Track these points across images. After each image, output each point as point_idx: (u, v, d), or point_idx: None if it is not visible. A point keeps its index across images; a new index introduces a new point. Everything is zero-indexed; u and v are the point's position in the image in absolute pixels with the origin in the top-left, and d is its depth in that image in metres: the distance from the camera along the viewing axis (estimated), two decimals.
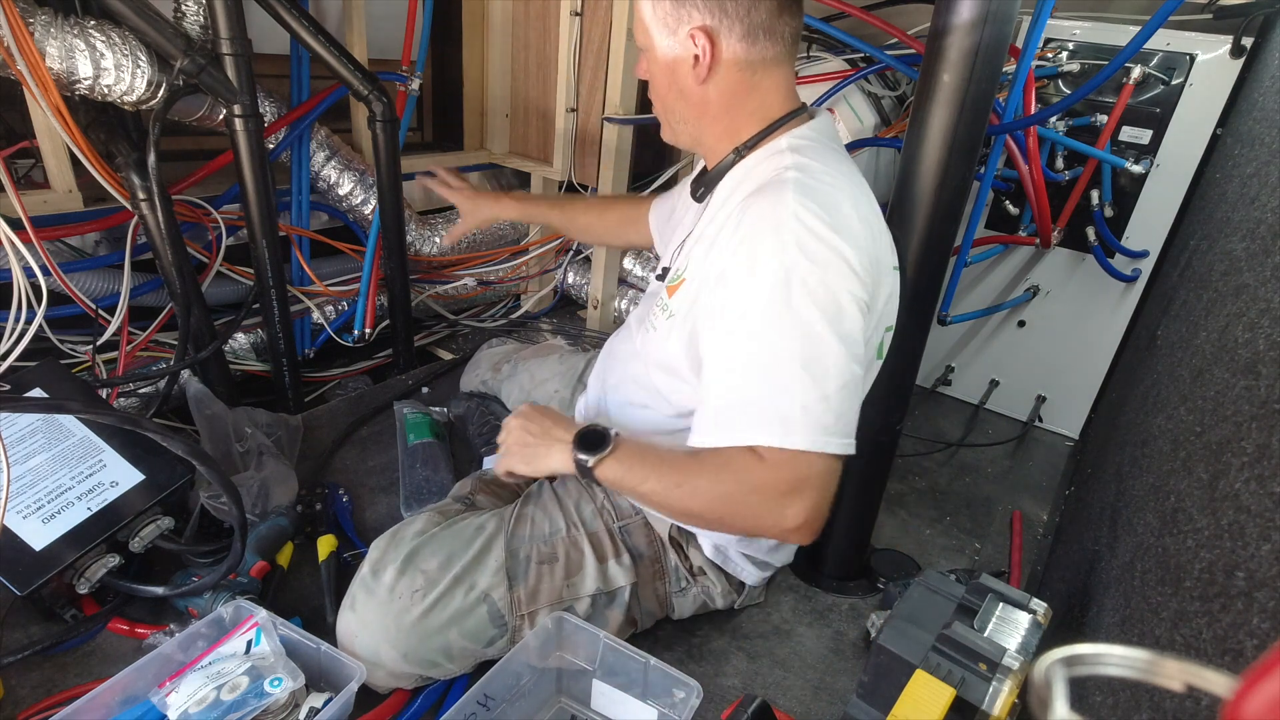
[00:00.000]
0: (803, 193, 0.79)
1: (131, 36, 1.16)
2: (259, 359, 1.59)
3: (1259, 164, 0.87)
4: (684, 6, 0.83)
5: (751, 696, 0.74)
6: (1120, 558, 0.76)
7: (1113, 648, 0.28)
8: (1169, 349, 0.97)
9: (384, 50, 1.67)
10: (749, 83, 0.86)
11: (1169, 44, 1.40)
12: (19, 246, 1.10)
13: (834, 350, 0.77)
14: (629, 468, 0.83)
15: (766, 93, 0.87)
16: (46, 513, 0.93)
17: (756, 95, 0.87)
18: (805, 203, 0.78)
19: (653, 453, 0.84)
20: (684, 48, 0.84)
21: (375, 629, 0.85)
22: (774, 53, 0.85)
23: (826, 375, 0.76)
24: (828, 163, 0.85)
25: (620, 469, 0.83)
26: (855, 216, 0.81)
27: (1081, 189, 1.52)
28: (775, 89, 0.88)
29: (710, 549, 0.99)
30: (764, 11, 0.82)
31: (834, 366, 0.77)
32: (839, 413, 0.77)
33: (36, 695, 0.87)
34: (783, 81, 0.88)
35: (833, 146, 0.90)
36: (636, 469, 0.82)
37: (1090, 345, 1.65)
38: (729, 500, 0.79)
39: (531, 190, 2.00)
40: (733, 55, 0.84)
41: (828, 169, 0.84)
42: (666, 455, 0.83)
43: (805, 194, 0.79)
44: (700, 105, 0.88)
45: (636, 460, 0.83)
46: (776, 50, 0.85)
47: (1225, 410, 0.58)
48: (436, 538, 0.91)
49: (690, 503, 0.81)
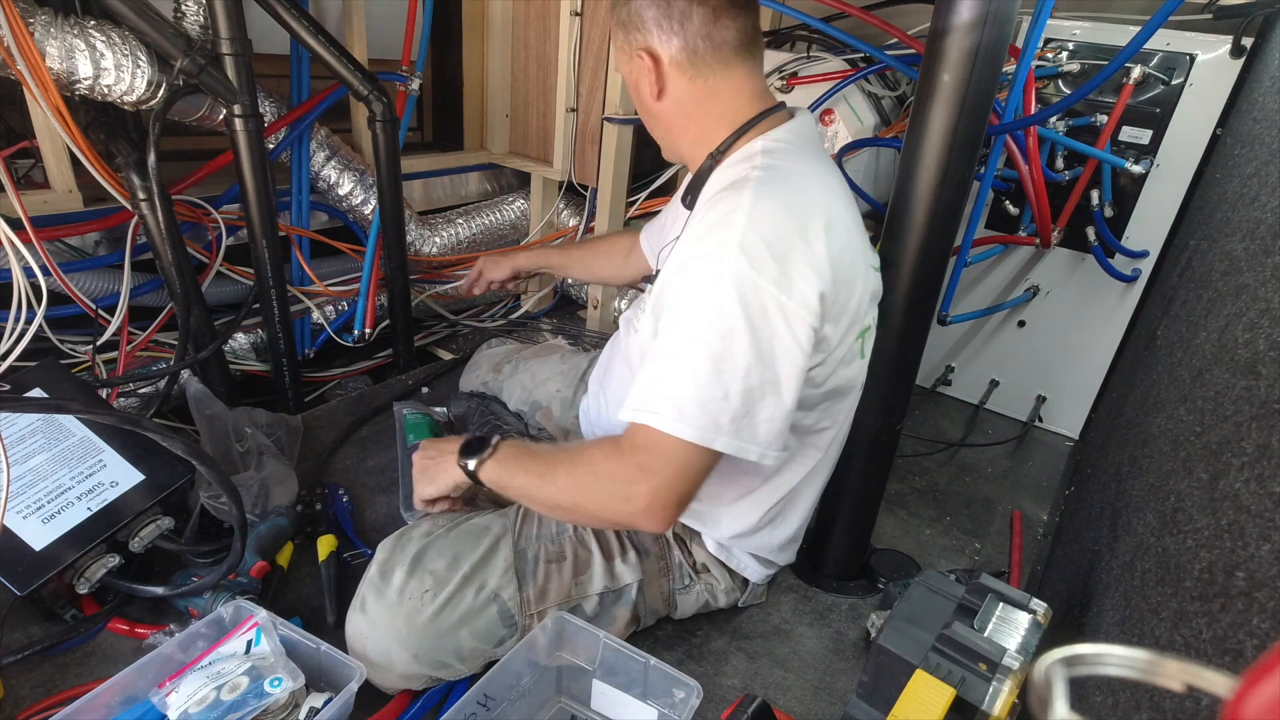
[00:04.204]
0: (760, 196, 0.79)
1: (131, 36, 1.16)
2: (259, 359, 1.59)
3: (1259, 164, 0.87)
4: (631, 32, 0.88)
5: (751, 696, 0.74)
6: (1120, 558, 0.76)
7: (1113, 648, 0.28)
8: (1169, 349, 0.97)
9: (384, 50, 1.67)
10: (705, 90, 0.88)
11: (1169, 44, 1.40)
12: (19, 246, 1.10)
13: (746, 354, 0.77)
14: (504, 468, 0.88)
15: (729, 97, 0.89)
16: (46, 513, 0.93)
17: (719, 101, 0.89)
18: (760, 205, 0.79)
19: (527, 452, 0.89)
20: (638, 70, 0.89)
21: (386, 630, 0.85)
22: (722, 58, 0.86)
23: (734, 376, 0.77)
24: (799, 165, 0.85)
25: (498, 469, 0.88)
26: (816, 222, 0.80)
27: (1081, 189, 1.52)
28: (738, 91, 0.89)
29: (714, 545, 1.00)
30: (698, 20, 0.84)
31: (743, 369, 0.77)
32: (737, 414, 0.77)
33: (36, 695, 0.87)
34: (744, 83, 0.89)
35: (808, 147, 0.90)
36: (510, 467, 0.88)
37: (1090, 345, 1.65)
38: (582, 488, 0.83)
39: (531, 190, 2.01)
40: (677, 68, 0.87)
41: (797, 171, 0.84)
42: (538, 451, 0.89)
43: (763, 197, 0.79)
44: (666, 120, 0.93)
45: (511, 460, 0.88)
46: (725, 55, 0.86)
47: (1225, 410, 0.58)
48: (443, 538, 0.91)
49: (554, 494, 0.85)
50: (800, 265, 0.78)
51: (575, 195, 1.97)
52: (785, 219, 0.79)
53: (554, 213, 2.01)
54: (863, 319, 0.90)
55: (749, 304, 0.76)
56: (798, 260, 0.78)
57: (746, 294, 0.76)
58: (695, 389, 0.76)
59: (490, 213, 1.97)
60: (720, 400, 0.77)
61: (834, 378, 0.89)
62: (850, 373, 0.92)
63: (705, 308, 0.77)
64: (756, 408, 0.78)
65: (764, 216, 0.78)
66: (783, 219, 0.78)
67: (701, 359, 0.77)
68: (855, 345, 0.90)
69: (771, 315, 0.77)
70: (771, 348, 0.77)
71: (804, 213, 0.80)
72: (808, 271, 0.78)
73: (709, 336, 0.77)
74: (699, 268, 0.79)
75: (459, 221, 1.91)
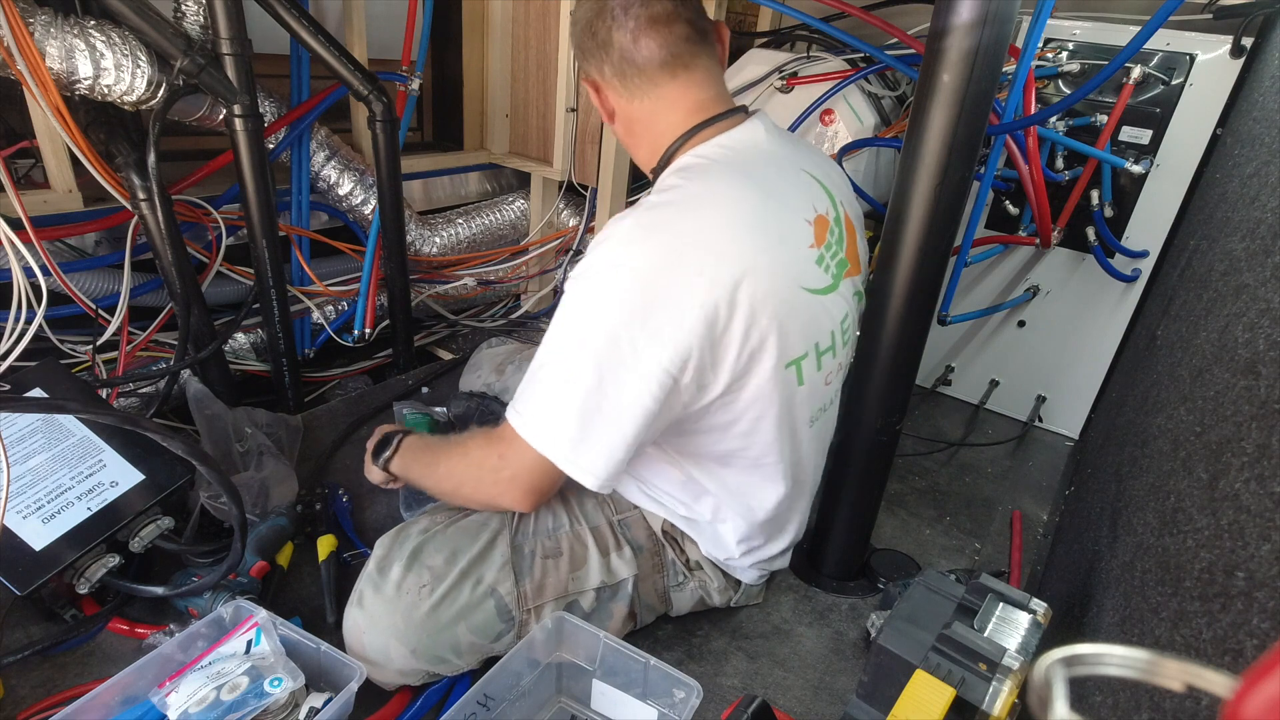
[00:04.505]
0: (638, 225, 0.80)
1: (131, 36, 1.16)
2: (259, 359, 1.59)
3: (1259, 164, 0.87)
4: (580, 61, 0.92)
5: (751, 696, 0.74)
6: (1120, 558, 0.76)
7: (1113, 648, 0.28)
8: (1169, 349, 0.97)
9: (384, 50, 1.67)
10: (647, 108, 0.89)
11: (1169, 44, 1.40)
12: (19, 246, 1.10)
13: (589, 380, 0.78)
14: (405, 462, 0.99)
15: (666, 113, 0.89)
16: (46, 513, 0.93)
17: (659, 117, 0.89)
18: (634, 235, 0.79)
19: (424, 445, 0.99)
20: (590, 96, 0.94)
21: (383, 625, 0.86)
22: (649, 77, 0.87)
23: (576, 398, 0.79)
24: (708, 187, 0.82)
25: (402, 464, 1.00)
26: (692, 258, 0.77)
27: (1081, 189, 1.52)
28: (671, 109, 0.88)
29: (706, 546, 0.99)
30: (618, 46, 0.86)
31: (583, 393, 0.78)
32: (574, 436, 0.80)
33: (36, 695, 0.87)
34: (680, 97, 0.88)
35: (735, 162, 0.86)
36: (408, 460, 0.99)
37: (1090, 345, 1.65)
38: (457, 473, 0.92)
39: (531, 190, 2.01)
40: (614, 92, 0.90)
41: (699, 197, 0.81)
42: (434, 444, 0.98)
43: (642, 226, 0.80)
44: (624, 139, 0.96)
45: (410, 455, 0.99)
46: (651, 74, 0.86)
47: (1225, 410, 0.58)
48: (441, 534, 0.92)
49: (440, 479, 0.95)
50: (660, 300, 0.76)
51: (575, 195, 1.97)
52: (657, 252, 0.78)
53: (554, 213, 2.01)
54: (791, 347, 0.84)
55: (601, 333, 0.78)
56: (658, 294, 0.76)
57: (600, 323, 0.78)
58: (545, 402, 0.81)
59: (490, 213, 1.97)
60: (561, 418, 0.80)
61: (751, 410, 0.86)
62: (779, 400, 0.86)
63: (566, 329, 0.80)
64: (594, 434, 0.80)
65: (635, 247, 0.79)
66: (654, 252, 0.78)
67: (556, 376, 0.80)
68: (783, 375, 0.85)
69: (622, 348, 0.77)
70: (617, 379, 0.78)
71: (679, 248, 0.77)
72: (669, 306, 0.76)
73: (563, 357, 0.80)
74: (570, 288, 0.81)
75: (459, 221, 1.91)
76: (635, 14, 0.84)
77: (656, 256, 0.77)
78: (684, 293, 0.76)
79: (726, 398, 0.84)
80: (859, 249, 0.97)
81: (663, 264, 0.77)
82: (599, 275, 0.79)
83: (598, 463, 0.80)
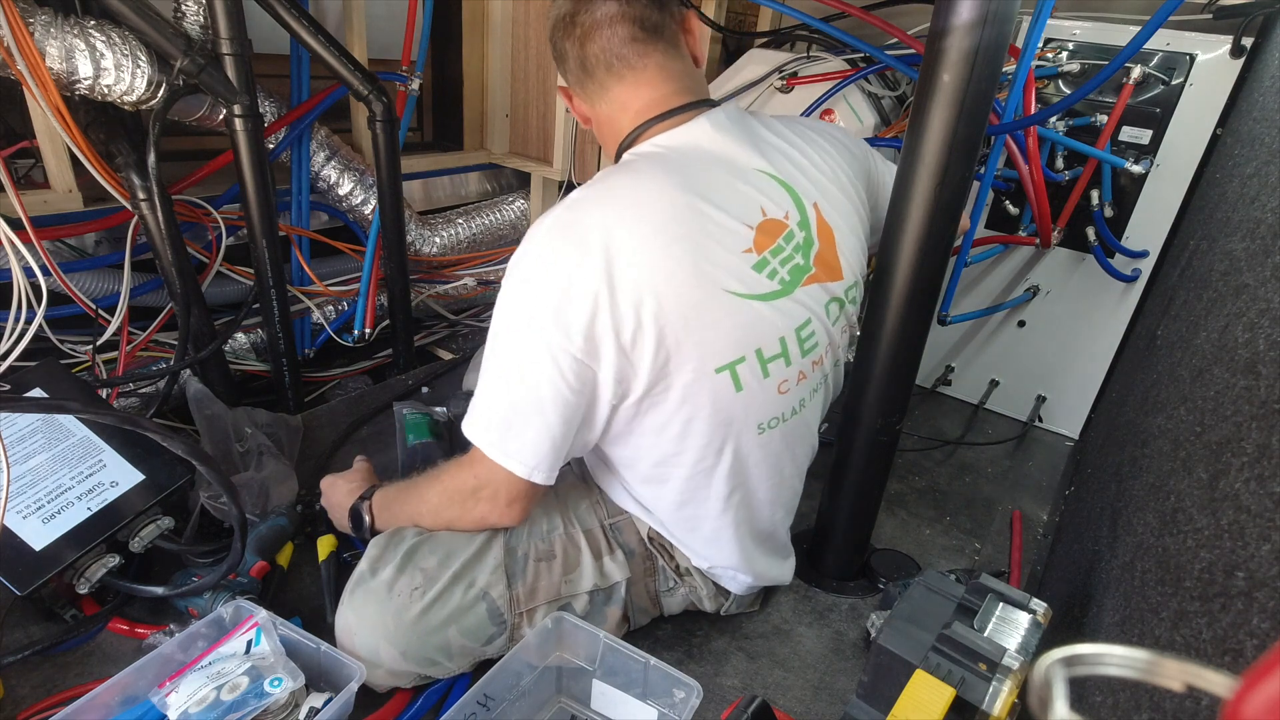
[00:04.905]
0: (556, 221, 0.82)
1: (131, 36, 1.16)
2: (259, 359, 1.60)
3: (1259, 164, 0.87)
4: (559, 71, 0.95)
5: (751, 696, 0.74)
6: (1120, 558, 0.76)
7: (1113, 648, 0.28)
8: (1169, 349, 0.97)
9: (384, 50, 1.67)
10: (605, 113, 0.93)
11: (1169, 44, 1.40)
12: (19, 246, 1.10)
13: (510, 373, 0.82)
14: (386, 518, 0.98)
15: (618, 114, 0.91)
16: (46, 513, 0.93)
17: (614, 120, 0.92)
18: (550, 231, 0.82)
19: (396, 496, 0.98)
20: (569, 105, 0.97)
21: (374, 626, 0.85)
22: (598, 79, 0.90)
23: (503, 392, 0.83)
24: (632, 183, 0.83)
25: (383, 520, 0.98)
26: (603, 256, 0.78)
27: (1081, 189, 1.52)
28: (622, 110, 0.91)
29: (694, 557, 0.99)
30: (571, 52, 0.90)
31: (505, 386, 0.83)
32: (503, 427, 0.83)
33: (36, 695, 0.87)
34: (627, 101, 0.90)
35: (666, 162, 0.85)
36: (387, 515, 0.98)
37: (1090, 345, 1.65)
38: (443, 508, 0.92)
39: (531, 190, 2.01)
40: (580, 97, 0.94)
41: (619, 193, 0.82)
42: (404, 489, 0.97)
43: (557, 223, 0.82)
44: (599, 141, 0.98)
45: (387, 511, 0.98)
46: (600, 76, 0.89)
47: (1225, 410, 0.58)
48: (435, 536, 0.91)
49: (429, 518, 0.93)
50: (568, 297, 0.78)
51: None
52: (565, 250, 0.80)
53: None
54: (716, 351, 0.83)
55: (518, 330, 0.81)
56: (566, 292, 0.78)
57: (518, 320, 0.81)
58: (482, 404, 0.85)
59: (490, 213, 1.97)
60: (494, 413, 0.84)
61: (680, 412, 0.85)
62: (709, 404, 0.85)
63: (494, 330, 0.84)
64: (519, 425, 0.82)
65: (548, 246, 0.81)
66: (563, 250, 0.80)
67: (488, 378, 0.84)
68: (713, 379, 0.84)
69: (535, 340, 0.80)
70: (535, 370, 0.80)
71: (587, 246, 0.78)
72: (576, 303, 0.78)
73: (492, 360, 0.84)
74: (501, 288, 0.84)
75: (459, 221, 1.91)
76: (580, 21, 0.87)
77: (566, 255, 0.80)
78: (589, 292, 0.78)
79: (654, 397, 0.84)
80: (844, 253, 0.94)
81: (571, 262, 0.79)
82: (518, 275, 0.82)
83: (525, 450, 0.83)
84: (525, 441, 0.83)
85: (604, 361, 0.80)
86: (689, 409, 0.85)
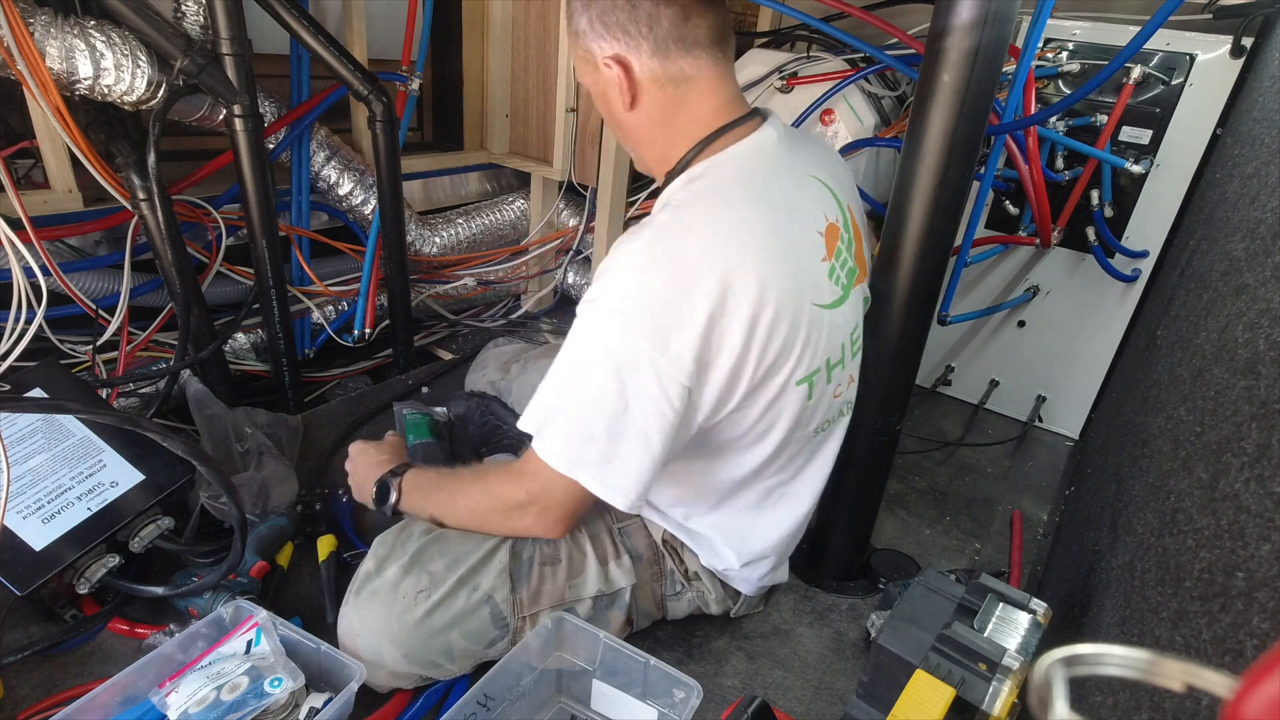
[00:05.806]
0: (653, 243, 0.78)
1: (131, 36, 1.16)
2: (259, 359, 1.60)
3: (1259, 164, 0.87)
4: (596, 39, 0.83)
5: (751, 696, 0.74)
6: (1120, 558, 0.76)
7: (1113, 648, 0.28)
8: (1169, 349, 0.97)
9: (384, 50, 1.67)
10: (676, 98, 0.84)
11: (1169, 44, 1.40)
12: (19, 246, 1.10)
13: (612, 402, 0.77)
14: (415, 501, 0.96)
15: (695, 106, 0.84)
16: (46, 513, 0.93)
17: (685, 111, 0.85)
18: (649, 254, 0.77)
19: (435, 484, 0.96)
20: (605, 80, 0.84)
21: (378, 627, 0.85)
22: (694, 59, 0.82)
23: (600, 420, 0.78)
24: (729, 199, 0.80)
25: (410, 504, 0.97)
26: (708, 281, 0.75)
27: (1081, 189, 1.52)
28: (703, 99, 0.84)
29: (706, 557, 0.99)
30: (667, 21, 0.79)
31: (608, 416, 0.78)
32: (600, 457, 0.79)
33: (36, 695, 0.87)
34: (712, 90, 0.84)
35: (747, 177, 0.83)
36: (418, 499, 0.96)
37: (1090, 345, 1.65)
38: (485, 514, 0.91)
39: (531, 190, 2.01)
40: (650, 75, 0.82)
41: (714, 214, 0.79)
42: (445, 479, 0.96)
43: (656, 243, 0.77)
44: (636, 131, 0.88)
45: (419, 495, 0.96)
46: (696, 56, 0.82)
47: (1225, 410, 0.58)
48: (443, 538, 0.91)
49: (465, 519, 0.92)
50: (675, 324, 0.75)
51: (575, 195, 1.97)
52: (669, 275, 0.76)
53: (554, 213, 2.01)
54: (802, 365, 0.83)
55: (622, 357, 0.76)
56: (672, 319, 0.75)
57: (620, 347, 0.76)
58: (571, 428, 0.80)
59: (490, 213, 1.97)
60: (589, 442, 0.79)
61: (759, 425, 0.86)
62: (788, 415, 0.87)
63: (585, 354, 0.79)
64: (621, 455, 0.79)
65: (647, 273, 0.77)
66: (666, 275, 0.76)
67: (579, 401, 0.79)
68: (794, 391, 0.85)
69: (643, 369, 0.76)
70: (641, 401, 0.77)
71: (692, 270, 0.75)
72: (684, 330, 0.75)
73: (584, 382, 0.79)
74: (585, 310, 0.80)
75: (459, 221, 1.91)
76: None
77: (669, 280, 0.76)
78: (698, 317, 0.75)
79: (738, 414, 0.84)
80: (866, 251, 0.96)
81: (676, 287, 0.76)
82: (613, 301, 0.77)
83: (627, 483, 0.80)
84: (628, 473, 0.80)
85: (709, 386, 0.79)
86: (767, 421, 0.86)
